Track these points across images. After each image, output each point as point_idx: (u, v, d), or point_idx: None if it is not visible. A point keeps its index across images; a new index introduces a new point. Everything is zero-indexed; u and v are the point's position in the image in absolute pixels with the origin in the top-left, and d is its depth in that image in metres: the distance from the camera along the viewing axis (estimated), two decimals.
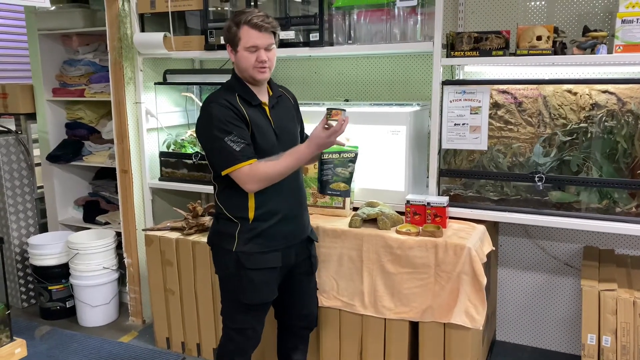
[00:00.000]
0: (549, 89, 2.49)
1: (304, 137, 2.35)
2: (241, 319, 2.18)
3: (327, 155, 2.12)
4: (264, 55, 2.02)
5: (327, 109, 1.98)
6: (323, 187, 2.16)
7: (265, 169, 1.99)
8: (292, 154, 2.01)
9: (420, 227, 2.44)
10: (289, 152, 2.02)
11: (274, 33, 2.07)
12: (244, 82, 2.11)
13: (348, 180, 2.16)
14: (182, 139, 3.35)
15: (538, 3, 2.69)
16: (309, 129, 2.74)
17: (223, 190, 2.13)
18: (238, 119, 2.02)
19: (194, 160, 3.15)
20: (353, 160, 2.16)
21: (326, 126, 1.98)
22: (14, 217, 3.65)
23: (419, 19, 2.60)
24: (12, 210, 3.64)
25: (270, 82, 2.20)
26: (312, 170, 2.70)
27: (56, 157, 3.65)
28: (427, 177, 2.66)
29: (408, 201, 2.54)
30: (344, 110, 1.99)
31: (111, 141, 3.40)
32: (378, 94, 3.13)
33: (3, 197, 3.59)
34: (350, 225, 2.52)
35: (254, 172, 1.98)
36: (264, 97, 2.15)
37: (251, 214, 2.08)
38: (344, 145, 2.13)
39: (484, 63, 2.53)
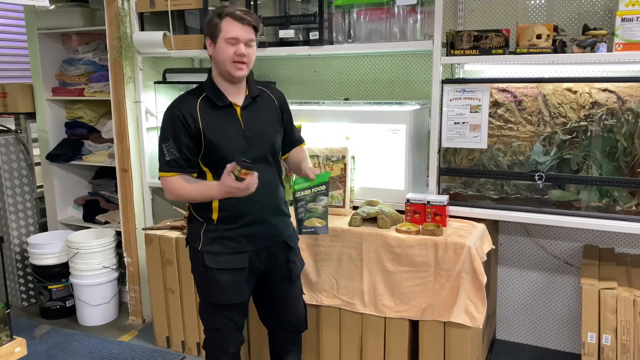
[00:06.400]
0: (548, 87, 2.48)
1: (294, 139, 2.28)
2: (214, 318, 2.16)
3: (299, 192, 2.08)
4: (244, 49, 1.98)
5: (243, 161, 1.85)
6: (299, 225, 2.13)
7: (180, 188, 2.01)
8: (204, 190, 1.99)
9: (420, 226, 2.44)
10: (204, 185, 2.00)
11: (256, 30, 2.01)
12: (215, 83, 2.06)
13: (323, 214, 2.11)
14: None
15: (538, 1, 2.68)
16: (309, 128, 2.75)
17: None
18: (182, 128, 1.98)
19: None
20: (325, 193, 2.10)
21: (234, 175, 1.86)
22: (14, 217, 3.65)
23: (419, 17, 2.60)
24: (12, 209, 3.64)
25: (249, 81, 2.12)
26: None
27: (56, 156, 3.64)
28: (427, 176, 2.66)
29: (408, 200, 2.54)
30: (253, 170, 1.87)
31: (111, 140, 3.40)
32: (378, 93, 3.12)
33: (3, 197, 3.59)
34: (350, 224, 2.52)
35: (170, 186, 2.03)
36: (238, 97, 2.07)
37: (215, 215, 2.07)
38: (313, 178, 2.08)
39: (484, 61, 2.53)
